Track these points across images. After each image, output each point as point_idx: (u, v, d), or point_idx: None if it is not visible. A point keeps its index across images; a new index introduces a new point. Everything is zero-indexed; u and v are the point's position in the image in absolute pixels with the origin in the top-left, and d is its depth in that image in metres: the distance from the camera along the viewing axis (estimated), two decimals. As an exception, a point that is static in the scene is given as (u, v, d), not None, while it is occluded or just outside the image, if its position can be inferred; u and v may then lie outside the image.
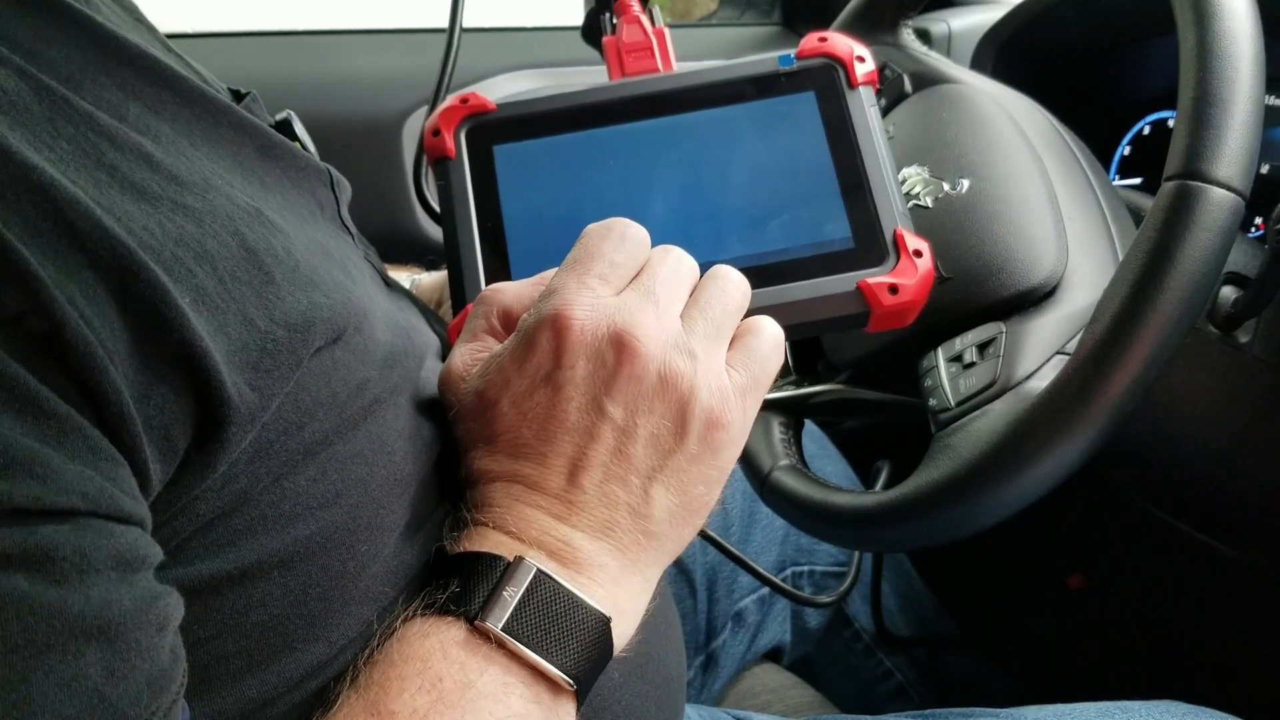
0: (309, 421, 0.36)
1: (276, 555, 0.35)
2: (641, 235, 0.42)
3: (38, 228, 0.28)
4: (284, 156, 0.43)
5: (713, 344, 0.40)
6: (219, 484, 0.33)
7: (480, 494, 0.40)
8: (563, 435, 0.38)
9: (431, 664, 0.34)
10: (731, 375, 0.40)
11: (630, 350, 0.38)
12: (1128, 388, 0.44)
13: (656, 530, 0.39)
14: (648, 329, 0.38)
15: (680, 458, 0.39)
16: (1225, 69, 0.45)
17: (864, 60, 0.53)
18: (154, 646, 0.29)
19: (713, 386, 0.39)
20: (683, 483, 0.39)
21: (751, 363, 0.41)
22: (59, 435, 0.27)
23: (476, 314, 0.44)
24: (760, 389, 0.41)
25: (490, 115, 0.53)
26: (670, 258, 0.42)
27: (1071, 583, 0.87)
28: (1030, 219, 0.56)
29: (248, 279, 0.34)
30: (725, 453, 0.40)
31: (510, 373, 0.39)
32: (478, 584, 0.36)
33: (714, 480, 0.40)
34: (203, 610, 0.33)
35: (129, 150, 0.33)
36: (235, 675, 0.34)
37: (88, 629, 0.27)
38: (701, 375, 0.39)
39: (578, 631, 0.36)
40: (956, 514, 0.49)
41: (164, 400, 0.30)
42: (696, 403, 0.38)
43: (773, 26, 1.31)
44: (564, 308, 0.38)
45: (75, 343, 0.28)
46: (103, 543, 0.27)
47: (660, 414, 0.38)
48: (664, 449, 0.39)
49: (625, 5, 0.58)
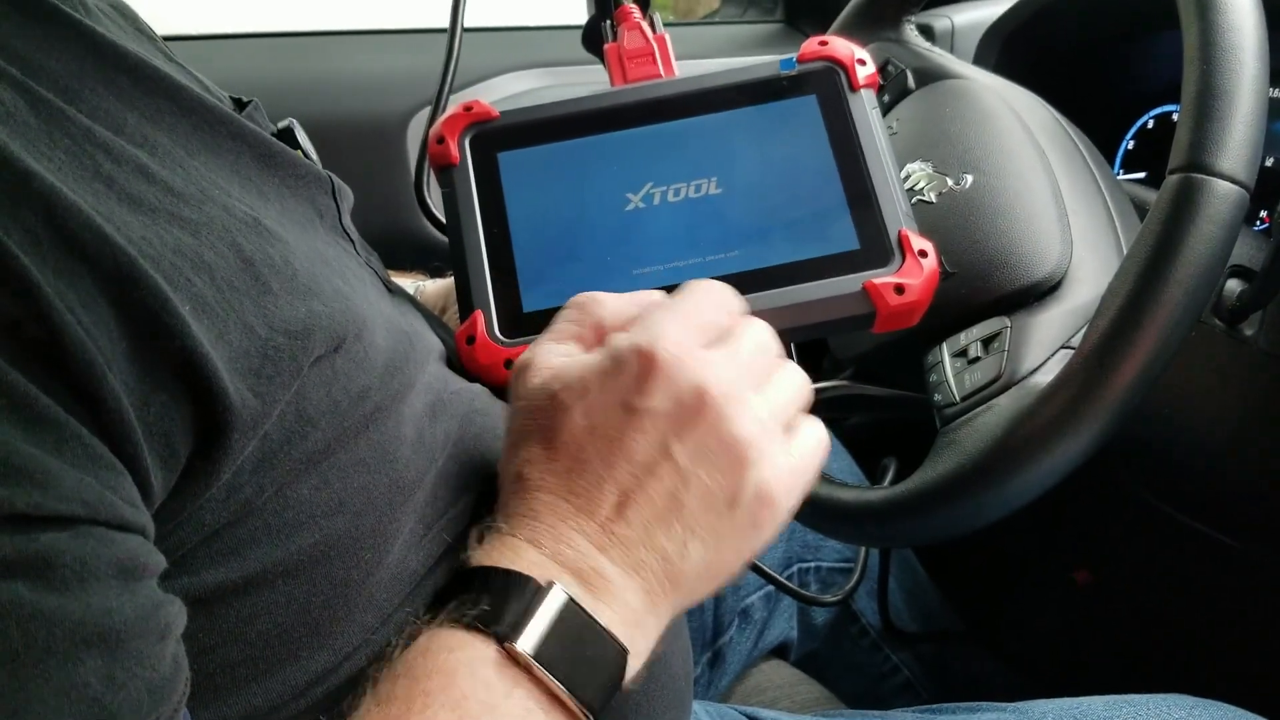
0: (312, 430, 0.36)
1: (281, 564, 0.35)
2: (740, 309, 0.43)
3: (37, 235, 0.28)
4: (283, 165, 0.43)
5: (779, 425, 0.40)
6: (224, 494, 0.33)
7: (522, 502, 0.39)
8: (624, 463, 0.38)
9: (457, 681, 0.34)
10: (789, 460, 0.40)
11: (710, 405, 0.38)
12: (1133, 382, 0.44)
13: (683, 582, 0.39)
14: (731, 391, 0.39)
15: (726, 520, 0.39)
16: (1229, 62, 0.45)
17: (865, 63, 0.53)
18: (155, 655, 0.29)
19: (775, 463, 0.39)
20: (720, 544, 0.39)
21: (806, 454, 0.41)
22: (58, 442, 0.27)
23: (568, 317, 0.43)
24: (807, 482, 0.41)
25: (494, 123, 0.53)
26: (761, 335, 0.42)
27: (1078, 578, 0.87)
28: (1034, 213, 0.56)
29: (245, 288, 0.34)
30: (765, 531, 0.40)
31: (591, 383, 0.39)
32: (509, 603, 0.35)
33: (745, 552, 0.40)
34: (208, 619, 0.33)
35: (126, 162, 0.33)
36: (241, 683, 0.34)
37: (87, 637, 0.27)
38: (768, 451, 0.39)
39: (601, 663, 0.36)
40: (962, 509, 0.49)
41: (164, 407, 0.30)
42: (756, 473, 0.38)
43: (775, 24, 1.31)
44: (661, 343, 0.38)
45: (74, 350, 0.28)
46: (103, 550, 0.27)
47: (721, 472, 0.38)
48: (714, 508, 0.38)
49: (626, 12, 0.58)
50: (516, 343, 0.48)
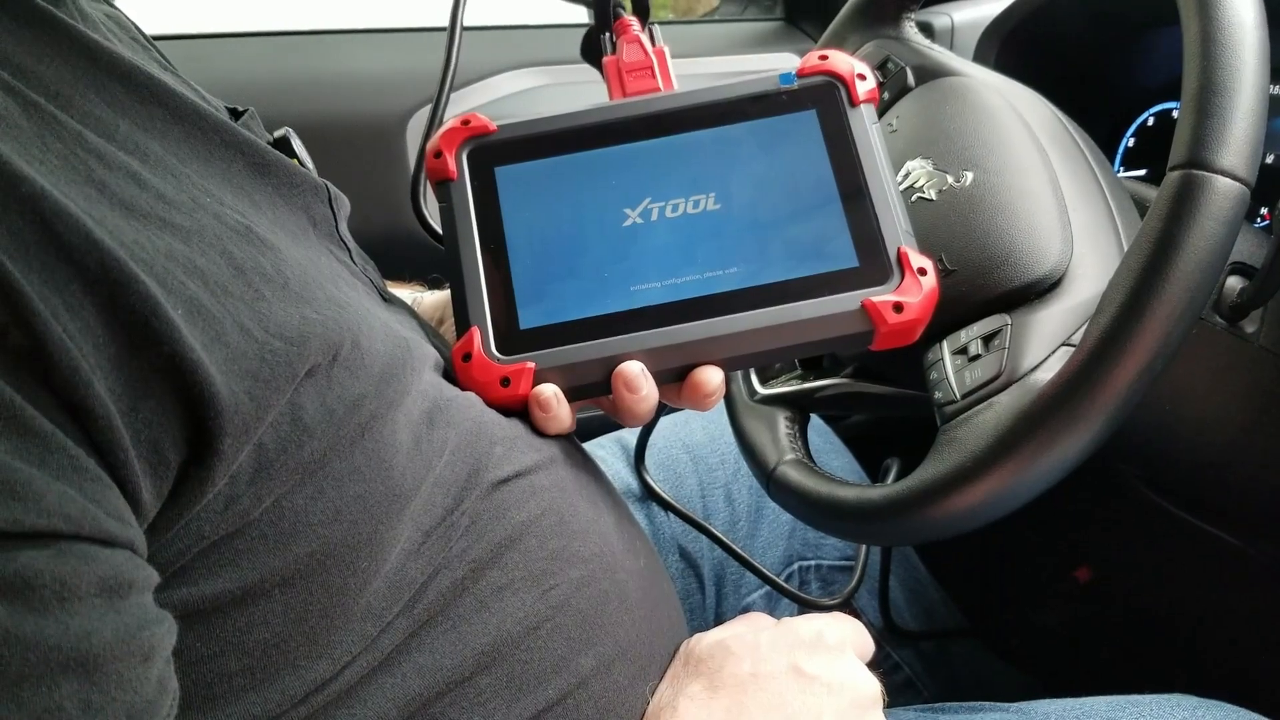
0: (308, 440, 0.35)
1: (278, 574, 0.35)
2: None
3: (24, 240, 0.28)
4: (277, 173, 0.43)
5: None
6: (221, 504, 0.33)
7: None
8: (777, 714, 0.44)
9: None
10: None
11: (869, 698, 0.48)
12: (1133, 379, 0.44)
13: None
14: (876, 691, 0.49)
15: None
16: (1229, 58, 0.45)
17: (865, 78, 0.53)
18: (136, 678, 0.28)
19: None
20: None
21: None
22: (43, 454, 0.26)
23: None
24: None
25: (491, 137, 0.53)
26: None
27: (1079, 575, 0.87)
28: (1034, 211, 0.56)
29: (239, 294, 0.33)
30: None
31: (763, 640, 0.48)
32: None
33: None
34: (206, 629, 0.33)
35: (117, 168, 0.33)
36: (238, 693, 0.34)
37: (64, 661, 0.26)
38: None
39: None
40: (963, 507, 0.49)
41: (152, 414, 0.30)
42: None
43: (775, 22, 1.31)
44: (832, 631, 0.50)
45: (58, 358, 0.27)
46: (84, 568, 0.27)
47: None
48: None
49: (625, 25, 0.58)
50: (513, 360, 0.48)
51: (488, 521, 0.43)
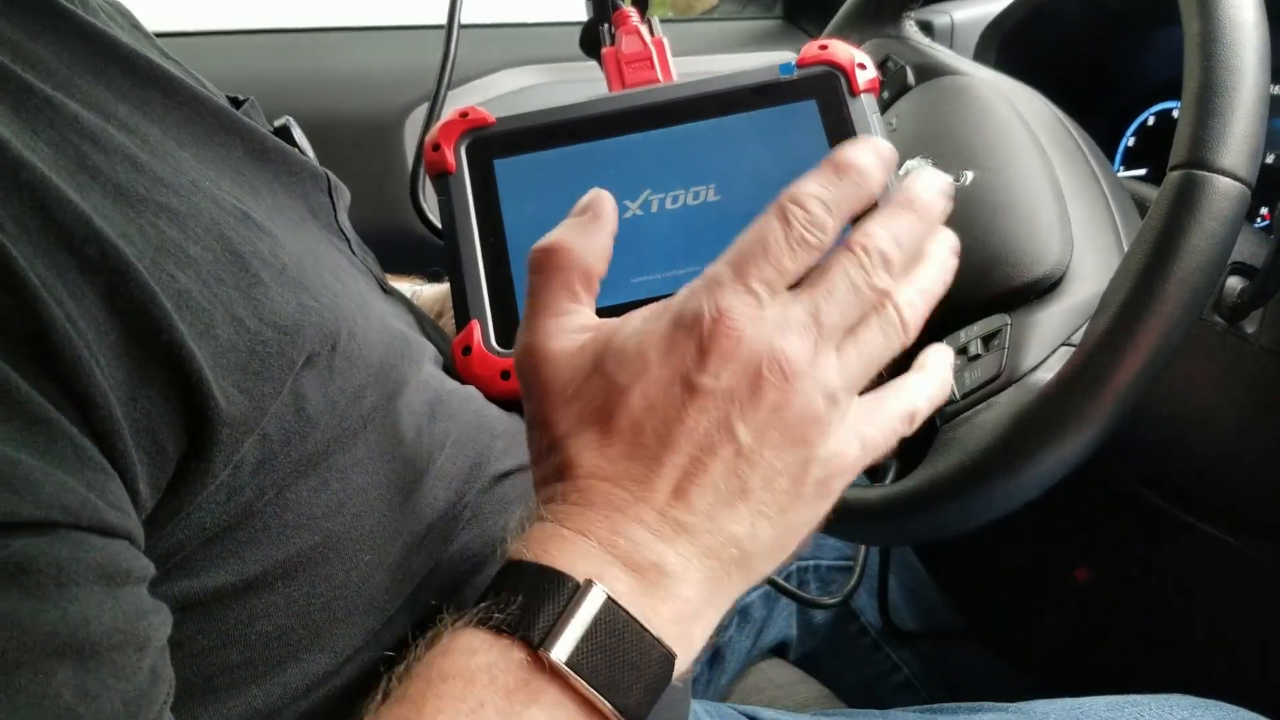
0: (312, 431, 0.35)
1: (280, 566, 0.34)
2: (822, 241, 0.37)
3: (26, 226, 0.28)
4: (276, 160, 0.42)
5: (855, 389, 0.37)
6: (224, 496, 0.32)
7: (572, 490, 0.35)
8: (684, 443, 0.35)
9: (475, 687, 0.31)
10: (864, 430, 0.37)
11: (778, 382, 0.34)
12: (1133, 379, 0.44)
13: (750, 564, 0.36)
14: (802, 364, 0.35)
15: (792, 496, 0.36)
16: (1230, 58, 0.45)
17: (865, 67, 0.53)
18: (132, 667, 0.28)
19: (845, 436, 0.36)
20: (787, 519, 0.36)
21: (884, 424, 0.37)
22: (45, 442, 0.26)
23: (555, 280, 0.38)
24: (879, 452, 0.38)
25: (490, 129, 0.53)
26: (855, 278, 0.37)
27: (1078, 575, 0.87)
28: (1035, 210, 0.56)
29: (233, 281, 0.33)
30: (835, 497, 0.37)
31: (651, 359, 0.35)
32: (543, 605, 0.32)
33: (813, 523, 0.38)
34: (207, 621, 0.33)
35: (114, 152, 0.33)
36: (240, 685, 0.34)
37: (61, 647, 0.26)
38: (837, 424, 0.36)
39: (644, 667, 0.33)
40: (962, 507, 0.49)
41: (151, 403, 0.30)
42: (825, 449, 0.36)
43: (775, 20, 1.30)
44: (725, 313, 0.35)
45: (61, 344, 0.27)
46: (82, 555, 0.26)
47: (787, 451, 0.35)
48: (779, 486, 0.36)
49: (624, 16, 0.58)
50: (513, 353, 0.48)
51: (490, 515, 0.43)
